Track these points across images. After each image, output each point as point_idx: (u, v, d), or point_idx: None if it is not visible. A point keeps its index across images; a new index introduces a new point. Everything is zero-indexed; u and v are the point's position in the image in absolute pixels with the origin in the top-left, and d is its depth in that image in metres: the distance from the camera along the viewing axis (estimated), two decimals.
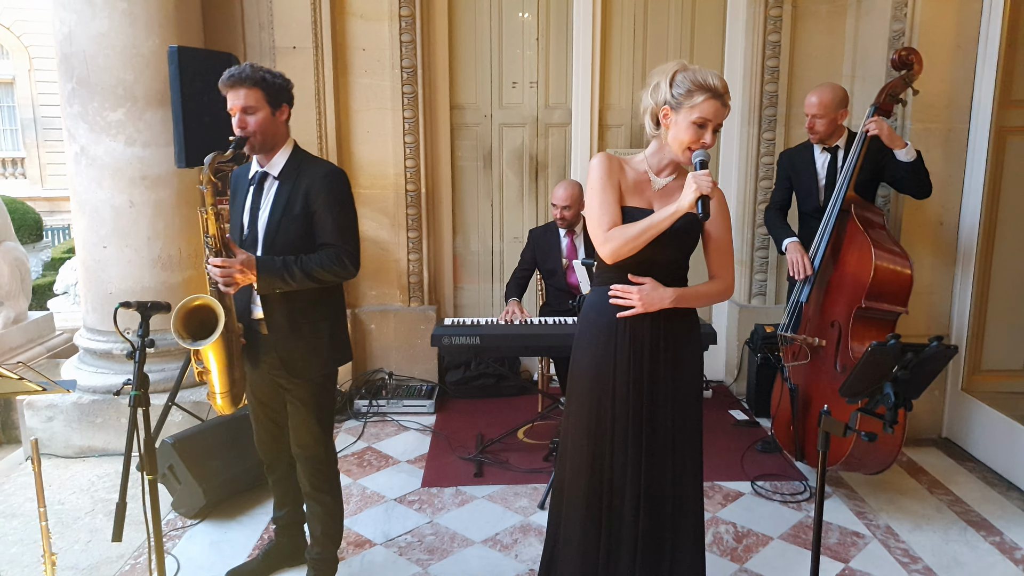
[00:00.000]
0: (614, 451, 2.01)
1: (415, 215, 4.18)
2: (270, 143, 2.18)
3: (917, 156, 2.99)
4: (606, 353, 1.99)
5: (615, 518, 2.04)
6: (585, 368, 2.04)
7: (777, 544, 2.75)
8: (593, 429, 2.03)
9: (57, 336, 4.63)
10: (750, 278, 4.20)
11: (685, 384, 2.02)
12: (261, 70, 2.14)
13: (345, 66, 4.03)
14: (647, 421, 1.98)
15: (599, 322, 2.01)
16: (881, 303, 2.87)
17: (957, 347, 2.17)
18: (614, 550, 2.06)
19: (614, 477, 2.02)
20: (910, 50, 3.04)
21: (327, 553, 2.39)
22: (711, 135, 1.87)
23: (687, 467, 2.03)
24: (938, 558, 2.66)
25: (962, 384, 3.61)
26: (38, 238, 13.61)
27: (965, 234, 3.51)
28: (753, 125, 4.05)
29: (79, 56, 3.33)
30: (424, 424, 3.85)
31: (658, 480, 2.01)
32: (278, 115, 2.18)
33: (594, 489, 2.04)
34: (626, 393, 1.98)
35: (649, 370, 1.97)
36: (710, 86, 1.85)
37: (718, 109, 1.86)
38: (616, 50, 4.24)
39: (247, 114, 2.11)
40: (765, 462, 3.41)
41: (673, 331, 1.99)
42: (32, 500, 3.01)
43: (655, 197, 1.99)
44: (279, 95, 2.18)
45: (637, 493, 2.00)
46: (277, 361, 2.20)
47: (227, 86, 2.12)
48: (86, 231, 3.49)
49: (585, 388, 2.04)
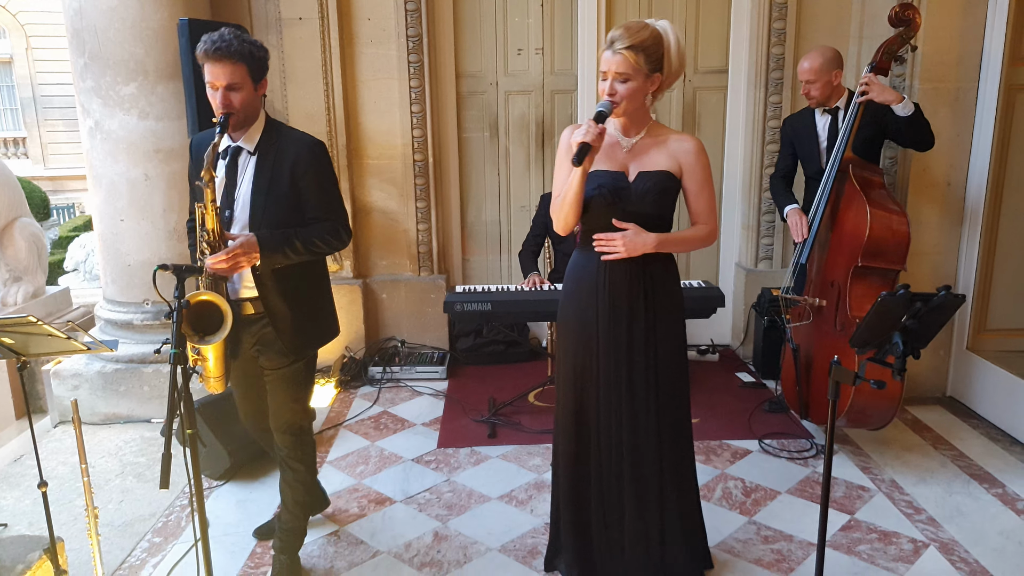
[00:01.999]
0: (599, 407, 2.10)
1: (423, 185, 4.22)
2: (251, 120, 2.07)
3: (915, 109, 2.99)
4: (587, 309, 2.07)
5: (604, 472, 2.14)
6: (569, 325, 2.13)
7: (785, 498, 2.83)
8: (578, 382, 2.13)
9: (74, 310, 4.71)
10: (756, 242, 4.23)
11: (664, 340, 2.09)
12: (245, 41, 1.98)
13: (351, 36, 4.04)
14: (627, 374, 2.07)
15: (582, 278, 2.09)
16: (878, 261, 2.90)
17: (965, 296, 2.22)
18: (606, 504, 2.16)
19: (600, 432, 2.12)
20: (907, 5, 3.03)
21: (296, 522, 2.34)
22: (612, 85, 1.93)
23: (667, 421, 2.11)
24: (941, 509, 2.74)
25: (967, 343, 3.67)
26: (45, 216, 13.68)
27: (972, 194, 3.53)
28: (759, 88, 4.05)
29: (90, 30, 3.35)
30: (437, 389, 3.93)
31: (641, 436, 2.10)
32: (259, 90, 2.05)
33: (583, 444, 2.15)
34: (608, 347, 2.06)
35: (628, 326, 2.05)
36: (608, 41, 1.93)
37: (608, 59, 1.92)
38: (621, 15, 4.23)
39: (231, 90, 1.97)
40: (772, 421, 3.48)
41: (653, 287, 2.06)
42: (63, 464, 3.13)
43: (628, 158, 2.04)
44: (261, 69, 2.04)
45: (621, 449, 2.10)
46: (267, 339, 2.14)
47: (210, 58, 1.94)
48: (103, 204, 3.55)
49: (570, 343, 2.14)
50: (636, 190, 2.00)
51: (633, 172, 2.02)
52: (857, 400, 2.85)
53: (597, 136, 1.88)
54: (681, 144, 2.03)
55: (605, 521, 2.17)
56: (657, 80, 1.96)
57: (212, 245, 1.96)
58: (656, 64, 1.94)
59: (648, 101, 1.99)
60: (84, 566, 2.36)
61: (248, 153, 2.08)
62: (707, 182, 2.05)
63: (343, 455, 3.22)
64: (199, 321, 1.89)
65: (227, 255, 1.93)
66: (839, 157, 3.03)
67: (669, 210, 2.06)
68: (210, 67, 1.96)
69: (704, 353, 4.35)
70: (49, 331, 1.70)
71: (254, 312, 2.13)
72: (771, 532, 2.60)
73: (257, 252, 1.99)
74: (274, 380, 2.20)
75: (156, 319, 3.59)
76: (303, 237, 2.07)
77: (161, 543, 2.59)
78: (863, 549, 2.50)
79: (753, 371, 4.13)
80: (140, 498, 2.89)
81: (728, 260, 4.49)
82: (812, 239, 3.10)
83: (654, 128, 2.06)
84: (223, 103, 1.96)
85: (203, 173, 1.92)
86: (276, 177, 2.06)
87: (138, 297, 3.59)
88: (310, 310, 2.21)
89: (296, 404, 2.25)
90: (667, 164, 2.01)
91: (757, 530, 2.62)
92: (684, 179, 2.03)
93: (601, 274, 2.05)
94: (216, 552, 2.47)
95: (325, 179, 2.14)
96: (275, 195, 2.06)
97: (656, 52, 1.93)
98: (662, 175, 2.00)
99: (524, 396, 3.73)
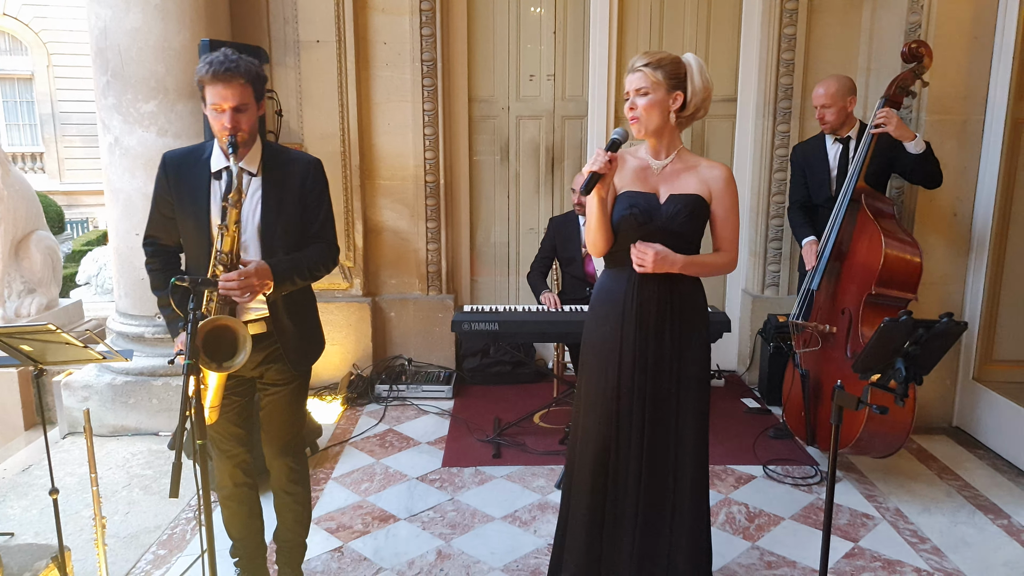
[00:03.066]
0: (619, 425, 2.11)
1: (434, 206, 4.27)
2: (253, 141, 2.01)
3: (926, 148, 3.05)
4: (614, 329, 2.09)
5: (620, 491, 2.14)
6: (595, 344, 2.15)
7: (788, 524, 2.82)
8: (601, 403, 2.13)
9: (86, 322, 4.76)
10: (763, 269, 4.26)
11: (689, 363, 2.10)
12: (248, 61, 1.93)
13: (367, 59, 4.13)
14: (651, 396, 2.08)
15: (609, 300, 2.12)
16: (891, 289, 2.94)
17: (967, 323, 2.25)
18: (617, 523, 2.15)
19: (619, 450, 2.12)
20: (920, 43, 3.10)
21: (299, 538, 2.35)
22: (633, 101, 2.01)
23: (688, 445, 2.11)
24: (946, 539, 2.72)
25: (973, 373, 3.66)
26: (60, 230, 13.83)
27: (979, 225, 3.56)
28: (768, 118, 4.11)
29: (113, 50, 3.44)
30: (443, 408, 3.95)
31: (660, 456, 2.10)
32: (259, 110, 2.01)
33: (600, 462, 2.14)
34: (632, 368, 2.08)
35: (655, 347, 2.07)
36: (630, 66, 2.02)
37: (629, 80, 2.01)
38: (632, 43, 4.31)
39: (239, 112, 1.91)
40: (777, 448, 3.48)
41: (681, 310, 2.08)
42: (71, 475, 3.16)
43: (659, 181, 2.08)
44: (262, 89, 2.00)
45: (640, 468, 2.10)
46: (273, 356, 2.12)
47: (218, 79, 1.87)
48: (119, 219, 3.61)
49: (594, 363, 2.15)
50: (666, 212, 2.03)
51: (664, 195, 2.06)
52: (868, 427, 2.86)
53: (606, 164, 1.93)
54: (712, 171, 2.07)
55: (615, 540, 2.17)
56: (679, 98, 1.99)
57: (228, 267, 1.94)
58: (677, 83, 1.98)
59: (673, 120, 2.02)
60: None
61: (250, 175, 2.03)
62: (734, 210, 2.08)
63: (348, 472, 3.24)
64: (212, 347, 1.86)
65: (239, 275, 1.91)
66: (852, 186, 3.07)
67: (698, 234, 2.09)
68: (217, 89, 1.89)
69: (710, 378, 4.35)
70: (67, 339, 1.74)
71: (260, 331, 2.11)
72: (774, 558, 2.60)
73: (271, 280, 1.97)
74: (276, 401, 2.19)
75: (167, 333, 3.62)
76: (308, 262, 2.09)
77: (166, 555, 2.60)
78: None
79: (758, 397, 4.13)
80: (146, 510, 2.91)
81: (735, 286, 4.52)
82: (824, 266, 3.12)
83: (684, 154, 2.10)
84: (231, 124, 1.90)
85: (231, 195, 1.89)
86: (286, 198, 2.06)
87: (150, 311, 3.63)
88: (310, 326, 2.24)
89: (297, 424, 2.27)
90: (697, 188, 2.05)
91: (760, 555, 2.61)
92: (713, 205, 2.07)
93: (630, 294, 2.07)
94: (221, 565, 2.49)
95: (326, 199, 2.16)
96: (286, 215, 2.06)
97: (676, 71, 1.98)
98: (693, 199, 2.03)
99: (530, 417, 3.75)
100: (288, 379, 2.18)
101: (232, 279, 1.91)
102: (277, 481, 2.27)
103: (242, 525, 2.29)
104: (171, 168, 2.06)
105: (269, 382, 2.17)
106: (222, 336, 1.87)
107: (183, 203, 2.03)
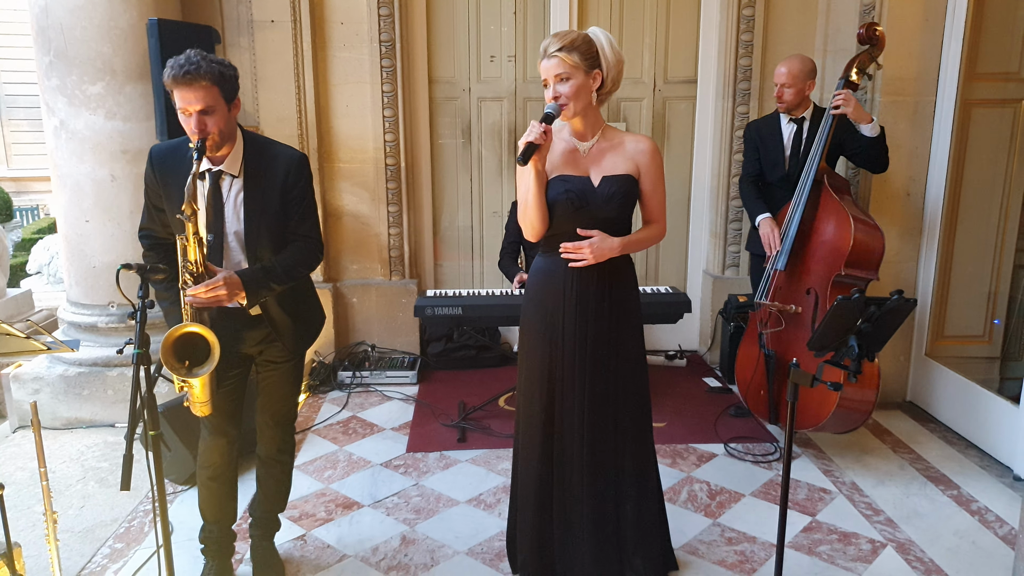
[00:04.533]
0: (562, 404, 2.14)
1: (395, 189, 4.22)
2: (227, 140, 1.99)
3: (881, 132, 3.10)
4: (554, 313, 2.11)
5: (565, 471, 2.17)
6: (534, 329, 2.16)
7: (748, 500, 2.88)
8: (542, 384, 2.15)
9: (37, 313, 4.62)
10: (724, 250, 4.30)
11: (628, 342, 2.15)
12: (214, 61, 1.91)
13: (324, 40, 4.04)
14: (591, 373, 2.11)
15: (547, 284, 2.13)
16: (858, 270, 3.00)
17: (916, 300, 2.30)
18: (566, 503, 2.19)
19: (564, 434, 2.15)
20: (874, 24, 3.13)
21: (277, 508, 2.41)
22: (555, 89, 1.98)
23: (627, 423, 2.16)
24: (899, 510, 2.81)
25: (926, 349, 3.77)
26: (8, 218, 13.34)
27: (931, 205, 3.64)
28: (727, 99, 4.13)
29: (56, 28, 3.30)
30: (407, 394, 3.93)
31: (601, 436, 2.14)
32: (233, 110, 1.98)
33: (545, 444, 2.17)
34: (573, 350, 2.10)
35: (594, 330, 2.10)
36: (541, 51, 2.00)
37: (546, 66, 1.99)
38: (592, 23, 4.23)
39: (206, 114, 1.88)
40: (737, 426, 3.54)
41: (618, 290, 2.11)
42: (22, 469, 3.07)
43: (588, 162, 2.08)
44: (233, 88, 1.97)
45: (582, 448, 2.14)
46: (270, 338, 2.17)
47: (180, 83, 1.85)
48: (68, 205, 3.49)
49: (534, 346, 2.16)
50: (601, 194, 2.04)
51: (596, 177, 2.06)
52: (838, 408, 2.91)
53: (541, 135, 1.92)
54: (637, 145, 2.09)
55: (566, 521, 2.20)
56: (598, 77, 1.99)
57: (196, 276, 1.92)
58: (593, 62, 1.98)
59: (594, 99, 2.02)
60: (42, 572, 2.31)
61: (232, 176, 2.02)
62: (660, 181, 2.12)
63: (311, 459, 3.20)
64: (185, 352, 1.85)
65: (207, 288, 1.89)
66: (815, 166, 3.10)
67: (630, 212, 2.12)
68: (181, 92, 1.88)
69: (672, 358, 4.41)
70: (7, 331, 1.68)
71: (257, 313, 2.14)
72: (734, 534, 2.65)
73: (241, 291, 1.96)
74: (274, 377, 2.25)
75: (121, 322, 3.53)
76: (284, 266, 2.06)
77: (123, 549, 2.55)
78: (823, 550, 2.55)
79: (720, 376, 4.19)
80: (102, 503, 2.84)
81: (696, 267, 4.56)
82: (789, 247, 3.15)
83: (608, 132, 2.11)
84: (198, 128, 1.88)
85: (184, 207, 1.84)
86: (268, 197, 2.04)
87: (103, 299, 3.53)
88: (305, 313, 2.28)
89: (293, 398, 2.33)
90: (627, 167, 2.07)
91: (721, 532, 2.66)
92: (641, 180, 2.10)
93: (568, 278, 2.08)
94: (181, 557, 2.44)
95: (309, 195, 2.13)
96: (269, 216, 2.04)
97: (589, 51, 1.97)
98: (625, 179, 2.05)
99: (494, 400, 3.75)
100: (287, 357, 2.23)
101: (199, 291, 1.89)
102: (267, 450, 2.33)
103: (219, 507, 2.30)
104: (157, 163, 2.06)
105: (269, 359, 2.22)
106: (195, 343, 1.85)
107: (171, 200, 2.00)
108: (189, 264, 1.91)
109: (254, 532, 2.40)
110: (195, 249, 1.90)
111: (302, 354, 2.30)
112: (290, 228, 2.12)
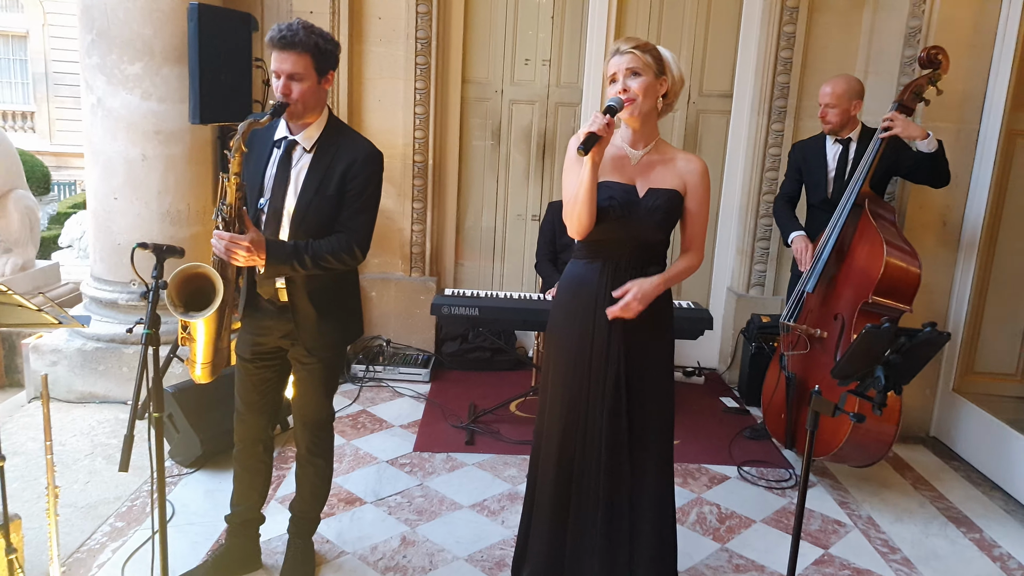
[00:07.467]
0: (586, 421, 2.07)
1: (421, 186, 4.21)
2: (309, 112, 2.01)
3: (939, 146, 2.99)
4: (585, 323, 2.05)
5: (584, 485, 2.11)
6: (564, 338, 2.10)
7: (759, 527, 2.80)
8: (568, 393, 2.09)
9: (62, 286, 4.68)
10: (750, 268, 4.22)
11: (656, 360, 2.09)
12: (314, 33, 1.96)
13: (360, 33, 4.04)
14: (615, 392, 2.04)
15: (580, 293, 2.06)
16: (888, 299, 2.89)
17: (950, 334, 2.21)
18: (582, 517, 2.12)
19: (585, 446, 2.09)
20: (939, 49, 3.03)
21: (313, 512, 2.37)
22: (624, 83, 1.93)
23: (650, 441, 2.09)
24: (917, 550, 2.71)
25: (954, 384, 3.65)
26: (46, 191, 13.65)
27: (967, 235, 3.53)
28: (763, 115, 4.06)
29: (99, 8, 3.34)
30: (419, 392, 3.90)
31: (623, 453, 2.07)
32: (323, 83, 2.01)
33: (565, 456, 2.11)
34: (602, 363, 2.04)
35: (625, 344, 2.03)
36: (614, 49, 1.97)
37: (618, 61, 1.95)
38: (630, 32, 4.23)
39: (293, 80, 1.94)
40: (753, 449, 3.46)
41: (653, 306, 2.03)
42: (33, 440, 3.09)
43: (636, 172, 2.03)
44: (328, 62, 2.00)
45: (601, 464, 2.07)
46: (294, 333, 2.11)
47: (276, 46, 1.93)
48: (98, 181, 3.53)
49: (562, 357, 2.10)
50: (645, 206, 1.98)
51: (642, 188, 2.00)
52: (852, 438, 2.82)
53: (605, 126, 1.84)
54: (688, 164, 2.03)
55: (579, 534, 2.14)
56: (664, 84, 1.96)
57: (228, 222, 1.91)
58: (661, 69, 1.96)
59: (659, 104, 1.98)
60: (41, 545, 2.31)
61: (304, 150, 2.04)
62: (705, 204, 2.05)
63: None
64: (193, 297, 1.85)
65: (234, 239, 1.89)
66: (857, 190, 3.02)
67: (669, 233, 2.06)
68: (276, 55, 1.94)
69: (690, 375, 4.33)
70: (19, 302, 1.68)
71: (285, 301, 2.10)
72: (743, 561, 2.57)
73: (263, 255, 1.93)
74: (301, 375, 2.21)
75: (141, 300, 3.54)
76: (314, 252, 2.00)
77: (123, 528, 2.55)
78: None
79: (737, 396, 4.10)
80: (107, 480, 2.85)
81: (720, 284, 4.48)
82: (821, 269, 3.07)
83: (661, 145, 2.05)
84: (283, 90, 1.94)
85: (232, 142, 1.86)
86: (327, 178, 2.02)
87: (126, 277, 3.56)
88: (337, 312, 2.16)
89: (319, 399, 2.24)
90: (674, 183, 2.01)
91: (729, 558, 2.59)
92: (687, 199, 2.03)
93: (602, 287, 2.02)
94: (179, 541, 2.45)
95: (369, 192, 2.07)
96: (323, 195, 2.02)
97: (659, 58, 1.96)
98: (671, 194, 1.99)
99: (506, 405, 3.71)
100: (310, 359, 2.16)
101: (223, 237, 1.90)
102: (299, 450, 2.32)
103: (240, 491, 2.33)
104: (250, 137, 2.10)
105: (296, 357, 2.19)
106: (203, 286, 1.84)
107: (248, 167, 2.05)
108: (225, 207, 1.91)
109: (289, 529, 2.38)
110: (232, 191, 1.90)
111: (325, 356, 2.18)
112: (340, 220, 2.05)
